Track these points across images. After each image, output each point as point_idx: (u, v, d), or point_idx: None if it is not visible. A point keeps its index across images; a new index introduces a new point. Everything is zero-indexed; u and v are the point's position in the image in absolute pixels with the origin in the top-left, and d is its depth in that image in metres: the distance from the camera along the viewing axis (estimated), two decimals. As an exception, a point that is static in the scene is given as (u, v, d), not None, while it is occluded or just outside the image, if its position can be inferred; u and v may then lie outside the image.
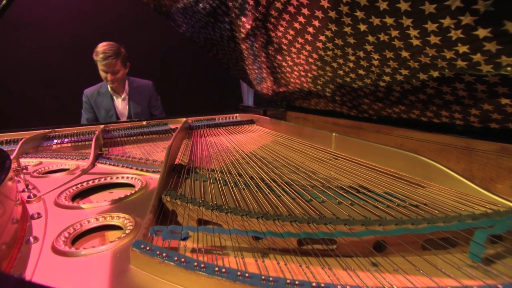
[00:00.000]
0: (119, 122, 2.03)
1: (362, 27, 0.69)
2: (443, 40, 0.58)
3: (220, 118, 2.10)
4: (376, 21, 0.65)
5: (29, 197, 0.85)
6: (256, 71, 1.47)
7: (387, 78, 0.79)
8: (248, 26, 1.12)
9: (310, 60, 1.02)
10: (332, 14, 0.73)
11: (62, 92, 3.63)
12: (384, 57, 0.73)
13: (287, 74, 1.25)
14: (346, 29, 0.75)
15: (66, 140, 1.56)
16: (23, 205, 0.80)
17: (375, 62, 0.77)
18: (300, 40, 0.96)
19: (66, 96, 3.61)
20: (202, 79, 4.21)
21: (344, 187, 0.79)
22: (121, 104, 2.54)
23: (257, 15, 1.01)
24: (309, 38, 0.91)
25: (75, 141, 1.55)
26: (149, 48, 3.84)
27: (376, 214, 0.66)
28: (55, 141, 1.56)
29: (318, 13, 0.78)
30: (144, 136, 1.64)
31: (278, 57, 1.17)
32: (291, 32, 0.96)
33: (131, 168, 1.08)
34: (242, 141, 1.42)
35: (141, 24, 3.81)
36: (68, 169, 1.11)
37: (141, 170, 1.05)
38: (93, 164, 1.14)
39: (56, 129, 1.84)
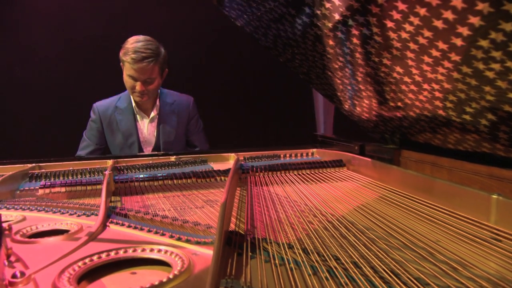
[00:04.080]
0: (135, 156, 2.13)
1: None
2: None
3: (287, 155, 2.10)
4: None
5: (14, 276, 0.84)
6: (355, 87, 1.46)
7: None
8: (353, 23, 1.14)
9: (456, 75, 0.99)
10: (510, 7, 0.71)
11: (51, 106, 3.94)
12: None
13: (410, 95, 1.23)
14: (533, 30, 0.71)
15: (58, 182, 1.65)
16: (6, 288, 0.82)
17: None
18: (442, 45, 0.94)
19: (58, 113, 3.91)
20: (257, 94, 4.33)
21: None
22: (147, 127, 2.62)
23: (370, 7, 1.02)
24: (459, 43, 0.89)
25: (73, 184, 1.64)
26: (184, 48, 4.07)
27: None
28: (42, 183, 1.64)
29: (482, 6, 0.76)
30: (174, 181, 1.69)
31: (398, 68, 1.16)
32: (427, 34, 0.95)
33: (162, 234, 1.10)
34: (327, 197, 1.40)
35: (175, 13, 4.07)
36: (67, 231, 1.15)
37: (178, 239, 1.07)
38: (103, 225, 1.18)
39: (41, 164, 1.97)
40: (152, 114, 2.62)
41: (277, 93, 4.31)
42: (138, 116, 2.61)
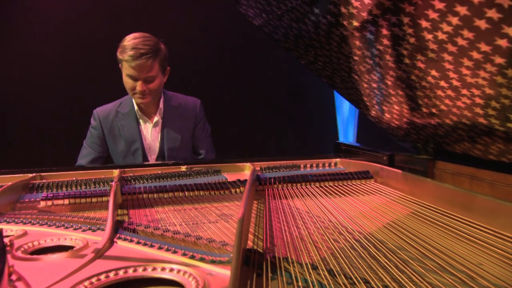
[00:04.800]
0: (143, 166, 2.14)
1: None
2: None
3: (308, 166, 2.10)
4: None
5: (16, 297, 0.86)
6: (383, 92, 1.45)
7: None
8: (384, 23, 1.13)
9: (500, 79, 0.97)
10: None
11: (54, 112, 3.98)
12: None
13: (446, 100, 1.21)
14: None
15: (61, 194, 1.65)
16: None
17: None
18: (484, 47, 0.93)
19: (61, 120, 3.95)
20: (274, 98, 4.32)
21: None
22: (151, 132, 2.65)
23: (403, 6, 1.01)
24: (504, 44, 0.87)
25: (77, 196, 1.64)
26: (194, 48, 4.09)
27: None
28: (43, 194, 1.65)
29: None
30: (186, 193, 1.70)
31: (433, 72, 1.14)
32: (467, 34, 0.93)
33: (174, 252, 1.10)
34: (354, 212, 1.39)
35: (184, 9, 4.09)
36: (71, 248, 1.16)
37: (192, 257, 1.06)
38: (111, 241, 1.18)
39: (43, 173, 1.99)
40: (156, 118, 2.64)
41: (296, 98, 4.30)
42: (141, 121, 2.64)
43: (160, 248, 1.12)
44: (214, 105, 2.89)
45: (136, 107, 2.61)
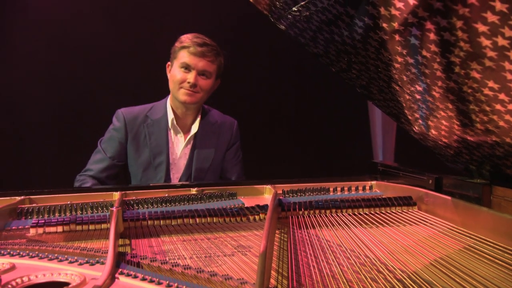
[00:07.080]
0: (147, 188, 2.15)
1: None
2: None
3: (338, 189, 2.09)
4: None
5: None
6: (429, 105, 1.45)
7: None
8: (432, 26, 1.12)
9: None
10: None
11: (44, 125, 3.99)
12: None
13: (506, 116, 1.20)
14: None
15: (54, 220, 1.66)
16: None
17: None
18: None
19: (53, 134, 3.97)
20: (298, 110, 4.30)
21: None
22: (182, 147, 2.71)
23: (456, 7, 1.00)
24: None
25: (72, 222, 1.65)
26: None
27: None
28: (34, 221, 1.65)
29: None
30: (197, 220, 1.69)
31: (491, 83, 1.13)
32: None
33: (185, 291, 1.10)
34: (394, 246, 1.38)
35: (195, 15, 4.11)
36: (66, 284, 1.15)
37: (206, 297, 1.06)
38: (112, 277, 1.18)
39: (33, 196, 2.00)
40: (190, 133, 2.70)
41: (323, 110, 4.29)
42: (172, 132, 2.70)
43: (169, 286, 1.12)
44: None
45: (171, 116, 2.66)
